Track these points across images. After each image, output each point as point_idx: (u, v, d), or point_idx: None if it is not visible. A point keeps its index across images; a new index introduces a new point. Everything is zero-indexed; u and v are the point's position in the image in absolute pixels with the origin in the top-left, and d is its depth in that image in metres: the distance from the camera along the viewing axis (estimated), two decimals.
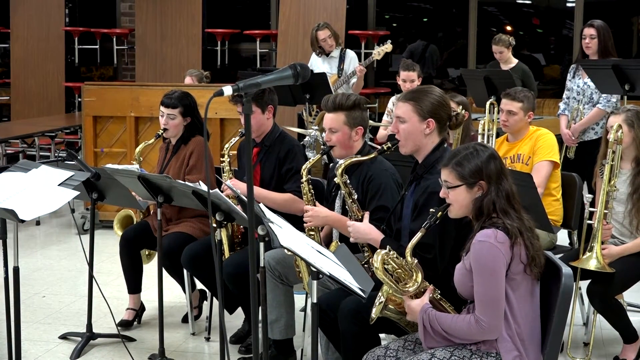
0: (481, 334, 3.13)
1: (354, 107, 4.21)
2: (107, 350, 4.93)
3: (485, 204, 3.20)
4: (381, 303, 3.37)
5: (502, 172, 3.26)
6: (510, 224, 3.15)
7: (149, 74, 11.01)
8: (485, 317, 3.10)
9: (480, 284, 3.12)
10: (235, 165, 5.19)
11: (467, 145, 3.36)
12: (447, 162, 3.29)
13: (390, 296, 3.36)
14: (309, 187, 4.22)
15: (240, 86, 2.75)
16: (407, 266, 3.33)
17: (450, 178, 3.26)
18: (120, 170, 4.74)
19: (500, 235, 3.12)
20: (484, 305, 3.11)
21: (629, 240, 4.55)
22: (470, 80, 7.37)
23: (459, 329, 3.17)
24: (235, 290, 4.64)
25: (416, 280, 3.32)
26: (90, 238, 4.92)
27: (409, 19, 13.04)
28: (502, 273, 3.11)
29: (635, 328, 4.62)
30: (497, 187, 3.22)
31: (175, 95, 5.17)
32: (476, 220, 3.24)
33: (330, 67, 8.19)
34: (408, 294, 3.31)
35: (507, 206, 3.20)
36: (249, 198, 2.80)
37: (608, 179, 4.47)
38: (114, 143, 7.72)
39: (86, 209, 7.69)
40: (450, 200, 3.28)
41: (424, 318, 3.23)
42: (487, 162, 3.23)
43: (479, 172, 3.22)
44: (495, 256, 3.10)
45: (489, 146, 3.37)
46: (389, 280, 3.29)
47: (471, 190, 3.24)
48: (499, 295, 3.11)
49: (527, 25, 12.70)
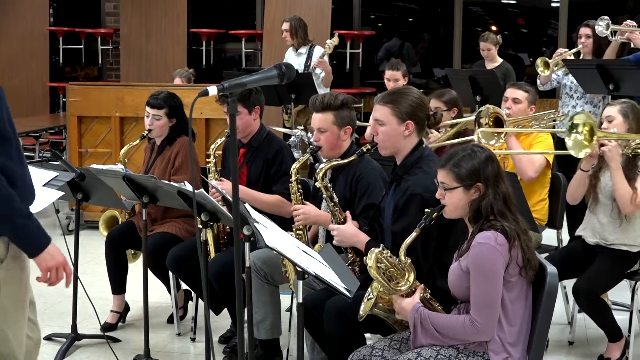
0: (475, 335, 3.13)
1: (342, 107, 4.21)
2: (92, 351, 4.91)
3: (483, 206, 3.20)
4: (370, 300, 3.36)
5: (499, 174, 3.26)
6: (508, 227, 3.16)
7: (133, 74, 10.98)
8: (481, 319, 3.11)
9: (478, 285, 3.12)
10: (221, 166, 5.18)
11: (464, 147, 3.36)
12: (444, 163, 3.28)
13: (380, 294, 3.36)
14: (297, 186, 4.22)
15: (226, 86, 2.75)
16: (399, 265, 3.33)
17: (447, 179, 3.26)
18: (105, 170, 4.73)
19: (500, 238, 3.12)
20: (480, 306, 3.11)
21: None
22: (455, 80, 7.38)
23: (453, 328, 3.17)
24: (221, 291, 4.63)
25: (408, 280, 3.32)
26: (75, 239, 4.90)
27: (394, 19, 13.06)
28: (501, 275, 3.11)
29: (621, 327, 4.64)
30: (494, 189, 3.21)
31: (161, 96, 5.15)
32: (473, 222, 3.24)
33: (299, 63, 8.23)
34: (400, 293, 3.31)
35: (505, 208, 3.21)
36: (234, 198, 2.79)
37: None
38: (99, 143, 7.69)
39: (71, 210, 7.67)
40: (445, 202, 3.28)
41: (416, 317, 3.22)
42: (484, 164, 3.23)
43: (477, 174, 3.22)
44: (496, 258, 3.10)
45: (486, 148, 3.36)
46: (382, 279, 3.29)
47: (468, 192, 3.24)
48: (495, 297, 3.11)
49: (512, 25, 12.74)
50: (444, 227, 3.48)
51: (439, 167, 3.30)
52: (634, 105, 4.63)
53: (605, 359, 4.62)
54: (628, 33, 6.33)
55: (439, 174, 3.29)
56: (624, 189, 4.41)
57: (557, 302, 3.29)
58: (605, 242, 4.60)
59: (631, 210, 4.45)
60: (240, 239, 2.84)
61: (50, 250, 3.04)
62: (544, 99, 9.71)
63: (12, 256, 3.01)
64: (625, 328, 4.66)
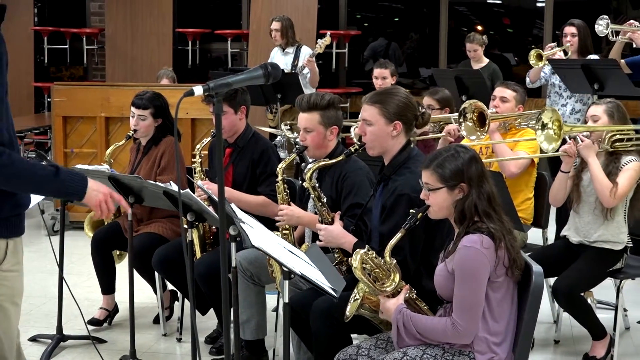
0: (456, 337, 3.14)
1: (329, 107, 4.21)
2: (77, 352, 4.90)
3: (467, 206, 3.20)
4: (356, 300, 3.36)
5: (483, 175, 3.26)
6: (494, 228, 3.16)
7: (119, 74, 10.94)
8: (462, 322, 3.11)
9: (462, 288, 3.12)
10: (207, 166, 5.18)
11: (447, 147, 3.36)
12: (428, 163, 3.28)
13: (366, 295, 3.36)
14: (284, 186, 4.22)
15: (211, 86, 2.75)
16: (385, 266, 3.33)
17: (431, 180, 3.26)
18: (91, 170, 4.71)
19: (486, 241, 3.12)
20: (462, 310, 3.12)
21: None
22: (441, 79, 7.40)
23: (434, 330, 3.17)
24: (207, 291, 4.63)
25: (394, 280, 3.32)
26: (60, 239, 4.88)
27: (380, 18, 13.06)
28: (485, 280, 3.12)
29: (605, 325, 4.66)
30: (478, 189, 3.22)
31: (146, 96, 5.14)
32: (459, 223, 3.24)
33: (286, 63, 8.23)
34: (385, 294, 3.31)
35: (489, 208, 3.21)
36: (220, 198, 2.79)
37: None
38: (84, 143, 7.67)
39: (56, 210, 7.63)
40: (430, 202, 3.28)
41: (398, 318, 3.22)
42: (468, 164, 3.23)
43: (460, 174, 3.22)
44: (481, 263, 3.10)
45: (470, 148, 3.37)
46: (367, 280, 3.29)
47: (452, 192, 3.24)
48: (478, 301, 3.12)
49: (498, 25, 12.77)
50: (430, 227, 3.49)
51: (422, 167, 3.30)
52: (619, 105, 4.66)
53: (590, 357, 4.63)
54: (630, 33, 6.35)
55: (423, 175, 3.29)
56: (603, 182, 4.45)
57: (543, 301, 3.30)
58: (589, 240, 4.62)
59: (611, 203, 4.48)
60: (226, 239, 2.84)
61: (92, 186, 3.04)
62: (529, 99, 9.73)
63: (11, 251, 3.01)
64: (610, 326, 4.68)
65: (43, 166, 2.93)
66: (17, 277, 3.04)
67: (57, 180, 2.94)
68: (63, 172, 2.97)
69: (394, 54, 12.02)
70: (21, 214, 3.02)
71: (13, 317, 3.06)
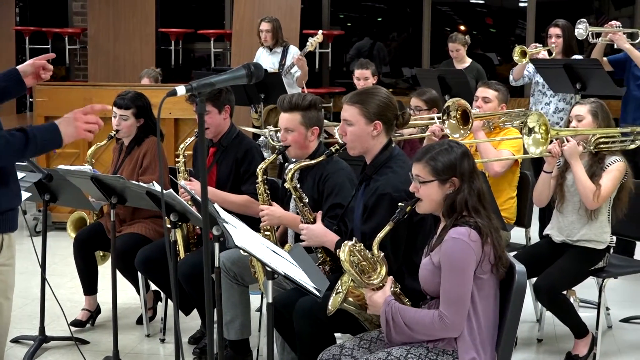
0: (443, 330, 3.14)
1: (310, 108, 4.21)
2: (60, 353, 4.88)
3: (458, 201, 3.21)
4: (339, 294, 3.36)
5: (474, 171, 3.28)
6: (482, 223, 3.17)
7: (101, 74, 10.89)
8: (449, 314, 3.11)
9: (449, 280, 3.12)
10: (191, 166, 5.17)
11: (441, 142, 3.38)
12: (421, 156, 3.29)
13: (350, 288, 3.36)
14: (264, 187, 4.21)
15: (194, 86, 2.75)
16: (372, 259, 3.33)
17: (423, 173, 3.26)
18: (73, 171, 4.69)
19: (474, 234, 3.13)
20: (449, 302, 3.12)
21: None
22: (424, 79, 7.41)
23: (422, 322, 3.17)
24: (190, 291, 4.62)
25: (380, 273, 3.32)
26: (43, 240, 4.86)
27: (363, 18, 13.07)
28: (472, 272, 3.12)
29: (588, 324, 4.68)
30: (469, 185, 3.23)
31: (128, 96, 5.12)
32: (447, 217, 3.25)
33: (273, 62, 8.21)
34: (371, 287, 3.31)
35: (478, 205, 3.22)
36: (203, 198, 2.78)
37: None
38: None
39: (38, 211, 7.60)
40: (420, 195, 3.28)
41: (387, 310, 3.22)
42: (461, 159, 3.25)
43: (453, 169, 3.23)
44: (468, 254, 3.11)
45: (462, 144, 3.38)
46: (354, 272, 3.28)
47: (443, 186, 3.25)
48: (465, 293, 3.12)
49: (481, 25, 12.81)
50: (412, 226, 3.50)
51: (414, 160, 3.31)
52: (603, 105, 4.68)
53: (573, 355, 4.65)
54: (610, 34, 6.39)
55: (414, 167, 3.30)
56: (586, 185, 4.47)
57: (526, 299, 3.31)
58: (572, 239, 4.64)
59: (594, 206, 4.50)
60: (209, 239, 2.83)
61: (63, 128, 3.09)
62: (512, 99, 9.77)
63: (6, 246, 3.02)
64: (593, 325, 4.70)
65: (12, 133, 2.96)
66: (10, 272, 3.05)
67: (31, 141, 2.98)
68: (31, 131, 3.00)
69: (379, 53, 12.03)
70: (15, 208, 3.03)
71: (6, 311, 3.06)
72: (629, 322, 5.33)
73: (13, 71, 3.39)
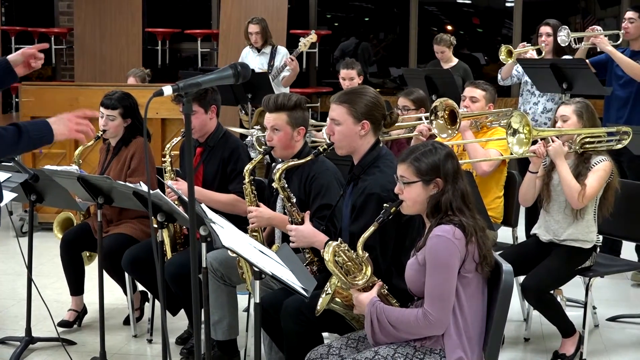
0: (428, 327, 3.14)
1: (296, 108, 4.21)
2: (47, 354, 4.86)
3: (442, 202, 3.22)
4: (328, 295, 3.36)
5: (458, 172, 3.29)
6: (466, 222, 3.18)
7: (88, 74, 10.86)
8: (434, 311, 3.12)
9: (433, 277, 3.13)
10: (177, 166, 5.16)
11: (425, 143, 3.39)
12: (405, 157, 3.29)
13: (338, 289, 3.36)
14: (251, 187, 4.21)
15: (181, 86, 2.74)
16: (357, 259, 3.33)
17: (407, 173, 3.27)
18: (60, 171, 4.68)
19: (458, 232, 3.14)
20: (434, 299, 3.12)
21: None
22: (411, 79, 7.42)
23: (406, 322, 3.17)
24: (177, 292, 4.61)
25: (365, 274, 3.33)
26: (29, 240, 4.84)
27: (350, 18, 13.08)
28: (456, 269, 3.13)
29: (575, 323, 4.69)
30: (453, 186, 3.24)
31: (115, 96, 5.11)
32: (431, 217, 3.26)
33: (262, 63, 8.20)
34: (357, 287, 3.31)
35: (463, 205, 3.23)
36: (190, 198, 2.78)
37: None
38: (53, 144, 7.56)
39: (25, 211, 7.56)
40: (404, 197, 3.29)
41: (372, 311, 3.23)
42: (445, 160, 3.25)
43: (437, 169, 3.24)
44: (452, 252, 3.12)
45: (447, 145, 3.39)
46: (339, 272, 3.29)
47: (427, 187, 3.25)
48: (449, 290, 3.12)
49: (467, 24, 12.83)
50: (400, 226, 3.50)
51: (399, 161, 3.32)
52: (588, 105, 4.70)
53: (560, 354, 4.67)
54: (592, 38, 6.42)
55: (399, 168, 3.30)
56: (571, 185, 4.49)
57: (513, 299, 3.32)
58: (558, 239, 4.65)
59: (579, 206, 4.52)
60: (196, 239, 2.83)
61: (55, 126, 3.15)
62: (499, 98, 9.79)
63: None
64: (580, 324, 4.72)
65: (4, 128, 2.96)
66: None
67: (23, 135, 2.98)
68: (24, 126, 3.00)
69: (363, 53, 12.04)
70: None
71: None
72: (615, 321, 5.36)
73: (2, 61, 3.39)
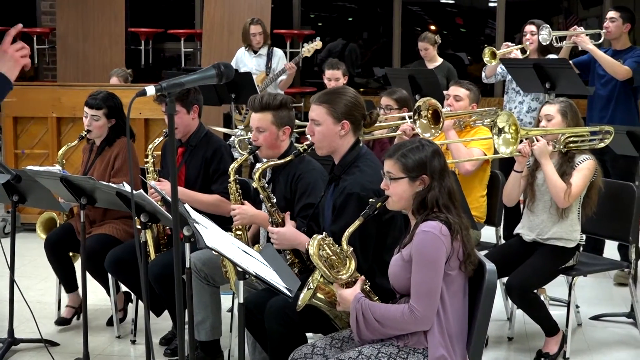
0: (414, 323, 3.14)
1: (281, 107, 4.21)
2: (30, 355, 4.84)
3: (429, 199, 3.22)
4: (310, 290, 3.35)
5: (445, 169, 3.30)
6: (452, 220, 3.19)
7: (70, 74, 10.81)
8: (420, 307, 3.12)
9: (419, 273, 3.13)
10: (159, 166, 5.14)
11: (412, 140, 3.40)
12: (392, 153, 3.30)
13: (320, 284, 3.36)
14: (236, 186, 4.20)
15: (164, 86, 2.74)
16: (341, 254, 3.33)
17: (393, 169, 3.28)
18: (42, 172, 4.66)
19: (444, 229, 3.15)
20: (420, 294, 3.13)
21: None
22: (395, 79, 7.42)
23: (392, 317, 3.17)
24: (161, 292, 4.60)
25: (349, 268, 3.33)
26: (11, 241, 4.81)
27: (333, 18, 13.09)
28: (442, 265, 3.14)
29: (558, 322, 4.71)
30: (440, 183, 3.25)
31: (100, 96, 5.09)
32: (417, 214, 3.26)
33: (258, 64, 8.16)
34: (340, 282, 3.31)
35: (449, 203, 3.24)
36: (173, 199, 2.77)
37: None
38: (36, 144, 7.58)
39: (7, 212, 7.53)
40: (390, 192, 3.30)
41: (357, 307, 3.23)
42: (431, 157, 3.26)
43: (423, 166, 3.25)
44: (438, 247, 3.12)
45: (434, 142, 3.40)
46: (323, 266, 3.29)
47: (413, 183, 3.26)
48: (435, 286, 3.13)
49: (451, 24, 12.87)
50: (382, 225, 3.51)
51: (386, 157, 3.33)
52: (572, 104, 4.72)
53: (543, 353, 4.68)
54: (574, 37, 6.46)
55: (386, 164, 3.31)
56: (557, 184, 4.51)
57: (496, 298, 3.33)
58: (542, 238, 4.67)
59: (565, 204, 4.54)
60: (180, 239, 2.82)
61: (8, 71, 3.27)
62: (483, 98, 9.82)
63: None
64: (563, 323, 4.74)
65: None
66: None
67: None
68: None
69: (350, 55, 12.04)
70: None
71: None
72: (598, 320, 5.38)
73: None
